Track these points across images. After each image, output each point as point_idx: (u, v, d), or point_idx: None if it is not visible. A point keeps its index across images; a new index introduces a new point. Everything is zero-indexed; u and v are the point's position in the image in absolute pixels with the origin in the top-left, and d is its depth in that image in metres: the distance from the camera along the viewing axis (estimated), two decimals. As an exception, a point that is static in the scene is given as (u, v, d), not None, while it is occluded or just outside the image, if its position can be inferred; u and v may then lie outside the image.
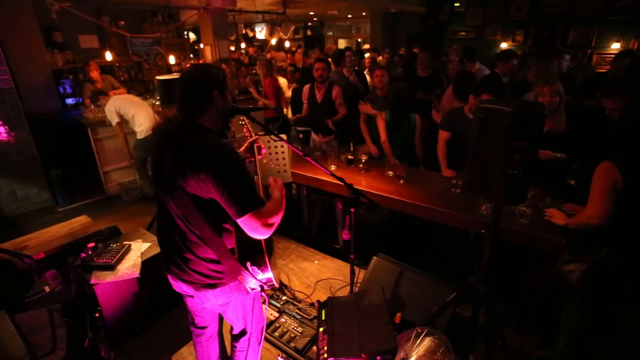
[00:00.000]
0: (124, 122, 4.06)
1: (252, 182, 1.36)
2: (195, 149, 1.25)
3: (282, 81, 5.14)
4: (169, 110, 1.37)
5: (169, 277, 1.50)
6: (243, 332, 1.62)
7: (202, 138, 1.28)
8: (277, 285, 1.51)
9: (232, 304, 1.50)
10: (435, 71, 4.57)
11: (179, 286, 1.49)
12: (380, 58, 6.91)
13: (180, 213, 1.32)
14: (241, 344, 1.65)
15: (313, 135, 3.99)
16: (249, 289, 1.48)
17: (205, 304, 1.51)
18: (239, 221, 1.24)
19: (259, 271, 1.39)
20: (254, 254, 1.37)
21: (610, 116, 1.85)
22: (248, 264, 1.38)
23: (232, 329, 1.66)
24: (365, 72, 5.36)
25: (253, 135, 1.67)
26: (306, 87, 3.86)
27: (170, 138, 1.31)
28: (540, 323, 2.25)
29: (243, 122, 1.65)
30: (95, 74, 4.91)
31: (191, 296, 1.52)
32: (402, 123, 3.12)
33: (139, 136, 4.02)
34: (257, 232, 1.25)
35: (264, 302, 1.71)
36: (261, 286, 1.47)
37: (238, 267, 1.38)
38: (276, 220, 1.29)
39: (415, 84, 4.34)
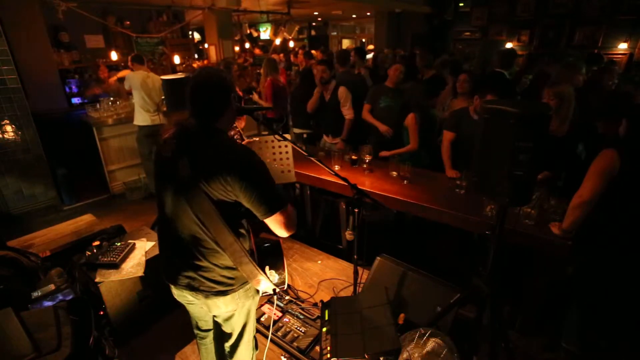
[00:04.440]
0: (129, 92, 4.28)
1: (275, 182, 1.37)
2: (219, 152, 1.26)
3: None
4: (179, 114, 1.37)
5: (173, 287, 1.47)
6: (240, 334, 1.60)
7: (222, 141, 1.30)
8: (285, 287, 1.52)
9: (239, 311, 1.49)
10: (438, 72, 4.53)
11: (185, 297, 1.47)
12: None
13: (197, 219, 1.29)
14: (235, 343, 1.62)
15: (324, 137, 3.95)
16: (259, 294, 1.46)
17: (214, 311, 1.48)
18: (267, 221, 1.28)
19: (277, 275, 1.39)
20: (273, 257, 1.39)
21: (605, 134, 1.88)
22: (267, 267, 1.38)
23: (229, 332, 1.64)
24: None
25: (244, 138, 1.66)
26: (317, 90, 3.75)
27: (187, 144, 1.30)
28: (546, 325, 2.23)
29: (235, 126, 1.65)
30: (104, 74, 5.12)
31: (193, 303, 1.51)
32: (424, 122, 3.15)
33: (138, 122, 4.15)
34: (286, 228, 1.32)
35: (271, 303, 1.70)
36: (274, 289, 1.44)
37: (255, 272, 1.36)
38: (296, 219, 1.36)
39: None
